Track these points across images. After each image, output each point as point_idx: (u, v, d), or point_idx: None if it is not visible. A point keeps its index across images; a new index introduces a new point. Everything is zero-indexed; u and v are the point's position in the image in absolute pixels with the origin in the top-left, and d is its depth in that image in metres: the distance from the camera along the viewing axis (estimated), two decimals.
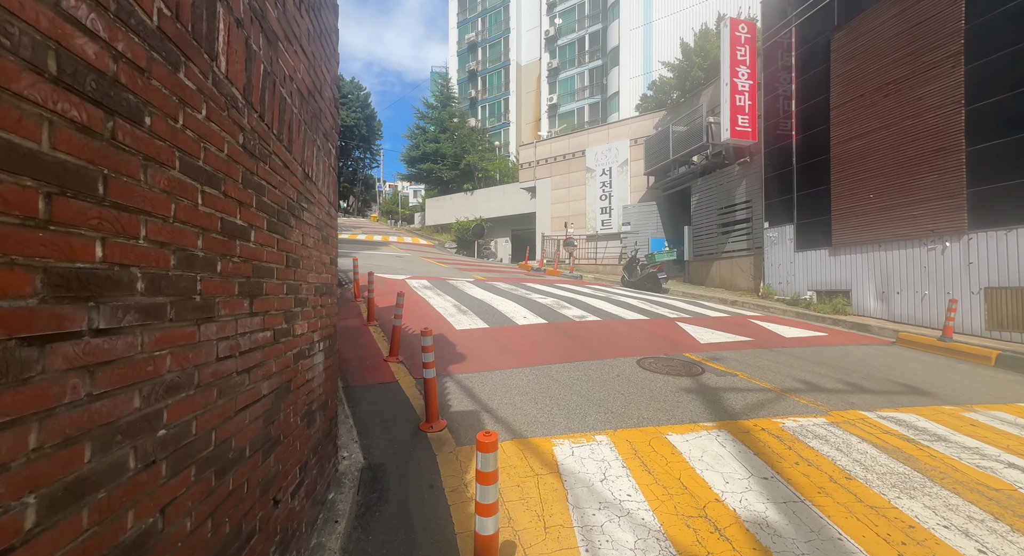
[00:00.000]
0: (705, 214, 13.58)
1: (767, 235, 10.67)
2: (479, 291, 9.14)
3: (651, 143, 16.39)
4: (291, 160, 1.82)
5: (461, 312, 7.02)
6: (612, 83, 28.55)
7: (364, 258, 14.56)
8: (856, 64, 8.24)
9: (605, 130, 19.29)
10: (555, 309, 7.56)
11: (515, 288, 9.97)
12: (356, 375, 4.46)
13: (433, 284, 9.76)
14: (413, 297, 8.13)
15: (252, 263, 1.44)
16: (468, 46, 41.81)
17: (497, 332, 6.03)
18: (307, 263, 2.08)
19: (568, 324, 6.61)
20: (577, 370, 4.74)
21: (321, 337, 2.35)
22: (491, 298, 8.31)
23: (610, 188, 18.82)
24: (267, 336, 1.57)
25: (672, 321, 7.26)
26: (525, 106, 39.20)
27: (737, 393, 4.12)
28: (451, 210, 30.30)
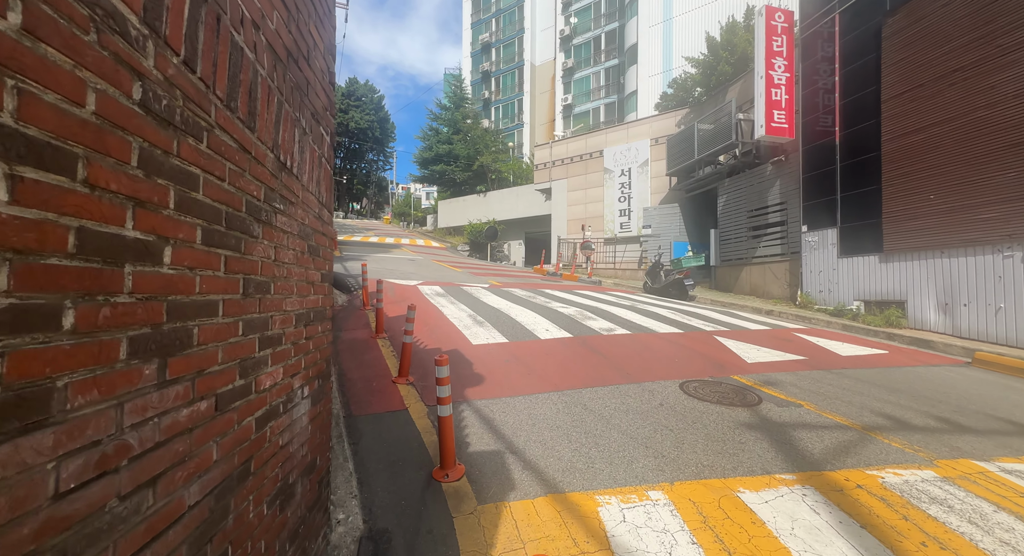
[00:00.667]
0: (733, 217, 12.80)
1: (805, 239, 9.88)
2: (495, 299, 8.56)
3: (674, 142, 15.65)
4: (253, 142, 1.26)
5: (477, 323, 6.45)
6: (630, 82, 27.81)
7: (375, 262, 14.13)
8: (913, 51, 7.46)
9: (624, 129, 18.60)
10: (579, 320, 6.94)
11: (533, 295, 9.37)
12: (360, 401, 3.91)
13: (446, 291, 9.22)
14: (425, 306, 7.59)
15: (164, 301, 0.87)
16: (482, 47, 41.46)
17: (518, 348, 5.43)
18: (283, 286, 1.52)
19: (596, 339, 5.98)
20: (612, 397, 4.11)
21: (306, 380, 1.79)
22: (509, 307, 7.72)
23: (629, 189, 18.11)
24: (200, 410, 1.00)
25: (710, 335, 6.57)
26: (539, 107, 38.65)
27: (809, 431, 3.46)
28: (464, 212, 29.86)
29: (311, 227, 1.85)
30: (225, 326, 1.12)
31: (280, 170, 1.48)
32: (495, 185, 31.39)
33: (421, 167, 35.52)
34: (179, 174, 0.91)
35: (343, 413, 3.63)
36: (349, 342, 5.59)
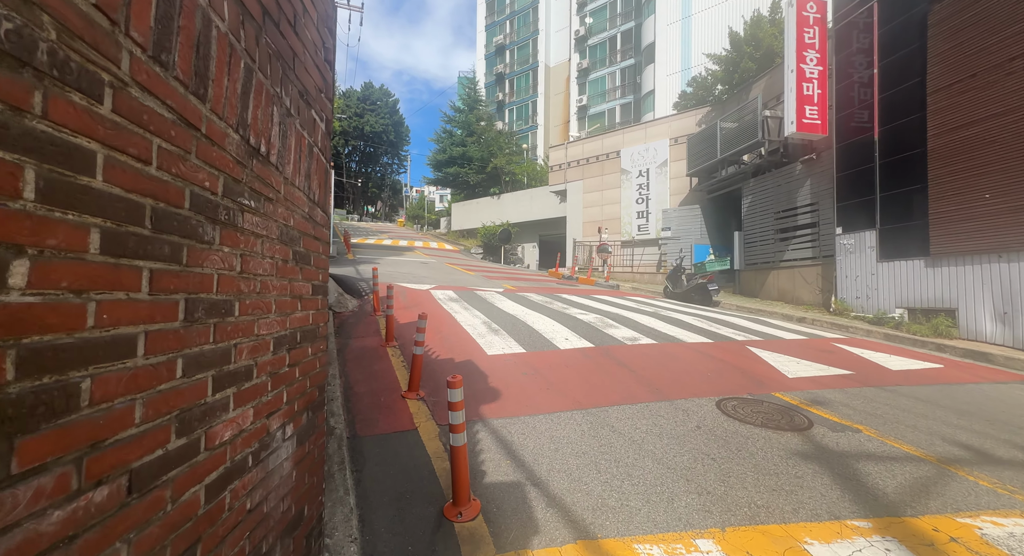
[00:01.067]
0: (759, 218, 12.22)
1: (840, 242, 9.29)
2: (510, 304, 8.21)
3: (694, 142, 15.12)
4: (203, 115, 0.94)
5: (492, 332, 6.10)
6: (647, 81, 27.27)
7: (388, 265, 13.93)
8: (964, 39, 6.89)
9: (642, 129, 18.11)
10: (600, 328, 6.54)
11: (550, 300, 8.99)
12: (366, 419, 3.60)
13: (460, 296, 8.91)
14: (438, 312, 7.28)
15: (13, 346, 0.54)
16: (496, 49, 41.36)
17: (536, 359, 5.07)
18: (255, 304, 1.20)
19: (619, 349, 5.57)
20: (642, 416, 3.72)
21: (290, 416, 1.46)
22: (525, 313, 7.36)
23: (647, 191, 17.60)
24: (94, 502, 0.67)
25: (742, 345, 6.10)
26: (554, 108, 38.31)
27: (875, 463, 3.01)
28: (477, 215, 29.66)
29: (298, 229, 1.53)
30: (148, 369, 0.79)
31: (250, 157, 1.16)
32: (509, 187, 31.13)
33: (435, 169, 35.50)
34: (48, 148, 0.59)
35: (347, 433, 3.32)
36: (358, 351, 5.31)
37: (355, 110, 54.64)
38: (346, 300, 7.69)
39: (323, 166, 1.82)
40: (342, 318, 6.93)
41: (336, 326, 6.39)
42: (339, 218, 44.40)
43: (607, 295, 11.01)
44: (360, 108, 55.69)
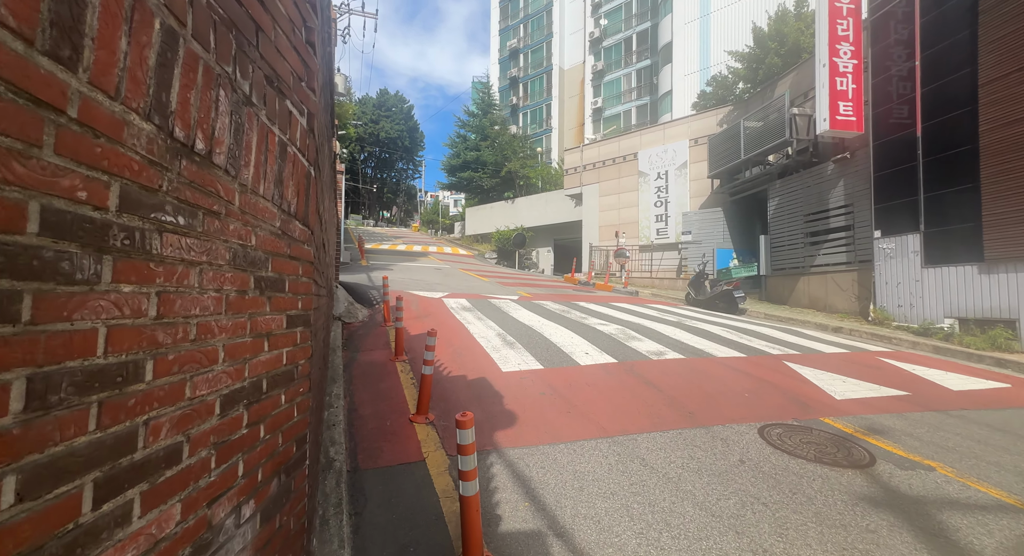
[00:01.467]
0: (787, 221, 11.61)
1: (879, 246, 8.67)
2: (526, 314, 7.85)
3: (716, 142, 14.57)
4: (75, 89, 0.61)
5: (507, 345, 5.75)
6: (663, 82, 26.72)
7: (400, 271, 13.74)
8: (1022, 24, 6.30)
9: (660, 130, 17.61)
10: (622, 341, 6.12)
11: (567, 309, 8.60)
12: (370, 448, 3.28)
13: (473, 304, 8.59)
14: (450, 322, 6.97)
15: None
16: (510, 53, 41.30)
17: (555, 376, 4.69)
18: (186, 358, 0.87)
19: (645, 365, 5.15)
20: (676, 446, 3.31)
21: (251, 491, 1.13)
22: (542, 324, 6.99)
23: (666, 193, 17.06)
24: None
25: (778, 360, 5.61)
26: (568, 111, 37.97)
27: (963, 514, 2.54)
28: (491, 219, 29.43)
29: (264, 250, 1.21)
30: None
31: (177, 156, 0.84)
32: (523, 191, 30.85)
33: (449, 174, 35.48)
34: None
35: (348, 466, 3.00)
36: (365, 366, 5.02)
37: (371, 116, 55.27)
38: (356, 310, 7.45)
39: (302, 170, 1.50)
40: (351, 329, 6.67)
41: (345, 338, 6.13)
42: (355, 224, 44.77)
43: (626, 302, 10.56)
44: (375, 114, 56.33)
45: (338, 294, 7.57)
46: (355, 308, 7.51)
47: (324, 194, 2.90)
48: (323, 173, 2.61)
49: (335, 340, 5.65)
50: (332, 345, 5.40)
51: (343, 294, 7.76)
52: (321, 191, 2.28)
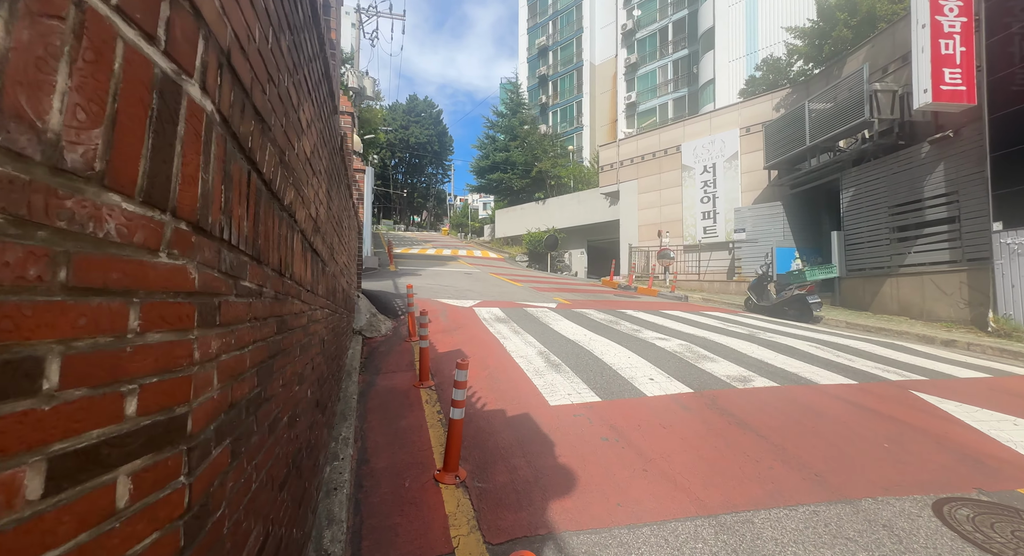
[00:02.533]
0: (866, 215, 10.06)
1: (999, 242, 7.12)
2: (569, 325, 6.87)
3: (773, 130, 13.07)
4: None
5: (552, 367, 4.79)
6: (705, 71, 25.05)
7: (430, 276, 13.06)
8: None
9: (706, 119, 16.18)
10: (692, 362, 5.03)
11: (614, 319, 7.55)
12: (379, 528, 2.40)
13: (508, 314, 7.69)
14: (482, 337, 6.09)
15: None
16: (539, 51, 40.42)
17: (617, 412, 3.70)
18: None
19: (729, 395, 4.07)
20: (818, 538, 2.25)
21: None
22: (589, 339, 5.99)
23: (714, 188, 15.62)
24: None
25: (903, 389, 4.37)
26: (600, 108, 36.65)
27: None
28: (522, 221, 28.58)
29: None
30: None
31: None
32: (554, 191, 29.84)
33: (478, 176, 34.96)
34: None
35: None
36: (384, 394, 4.19)
37: (400, 122, 55.89)
38: (379, 322, 6.70)
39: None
40: (372, 345, 5.91)
41: (364, 358, 5.36)
42: (386, 229, 45.09)
43: (678, 309, 9.36)
44: (405, 120, 56.93)
45: (359, 305, 6.86)
46: (378, 320, 6.77)
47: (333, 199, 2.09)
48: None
49: (351, 361, 4.88)
50: (348, 367, 4.63)
51: (365, 304, 7.04)
52: None
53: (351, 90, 21.60)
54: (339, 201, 3.72)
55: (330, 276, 2.99)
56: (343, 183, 3.85)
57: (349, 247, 5.10)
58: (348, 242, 5.04)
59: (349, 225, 5.40)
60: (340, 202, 3.75)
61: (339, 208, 3.69)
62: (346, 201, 4.32)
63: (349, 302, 5.40)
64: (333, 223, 3.09)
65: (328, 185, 2.55)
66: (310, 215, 1.85)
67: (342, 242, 4.20)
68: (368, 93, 22.64)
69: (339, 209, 3.65)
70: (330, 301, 2.97)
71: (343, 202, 4.10)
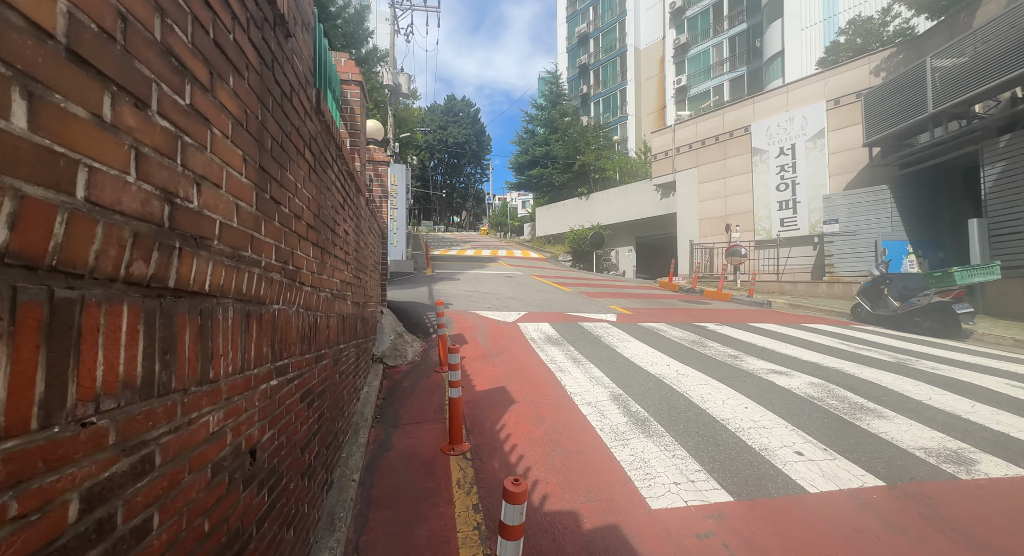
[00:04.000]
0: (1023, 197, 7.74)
1: None
2: (640, 348, 5.37)
3: (876, 99, 10.74)
4: None
5: (636, 424, 3.34)
6: (771, 43, 22.31)
7: (468, 281, 11.89)
8: None
9: (782, 94, 13.91)
10: (845, 416, 3.40)
11: (697, 337, 5.95)
12: None
13: (560, 331, 6.29)
14: (533, 367, 4.73)
15: None
16: (579, 39, 38.52)
17: (766, 528, 2.20)
18: None
19: (950, 494, 2.44)
20: None
21: None
22: (675, 372, 4.47)
23: (793, 173, 13.37)
24: None
25: None
26: (646, 94, 34.26)
27: None
28: (564, 218, 27.01)
29: None
30: None
31: None
32: (598, 185, 28.00)
33: (517, 173, 33.68)
34: None
35: None
36: (400, 466, 2.94)
37: (439, 123, 55.79)
38: (405, 344, 5.52)
39: None
40: (395, 377, 4.72)
41: (381, 398, 4.17)
42: (426, 230, 44.89)
43: (770, 322, 7.55)
44: (443, 121, 56.81)
45: (383, 323, 5.71)
46: (404, 342, 5.59)
47: None
48: None
49: (363, 406, 3.68)
50: (356, 419, 3.43)
51: (390, 322, 5.88)
52: None
53: (386, 88, 20.97)
54: (336, 199, 2.49)
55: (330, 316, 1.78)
56: (343, 181, 2.63)
57: (361, 258, 3.91)
58: (362, 251, 3.87)
59: (365, 229, 4.22)
60: (336, 201, 2.52)
61: (335, 209, 2.46)
62: (350, 199, 3.11)
63: (365, 326, 4.23)
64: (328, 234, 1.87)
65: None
66: None
67: (349, 253, 3.01)
68: (403, 91, 21.91)
69: (335, 212, 2.42)
70: (320, 351, 1.74)
71: (349, 207, 2.89)
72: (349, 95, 4.04)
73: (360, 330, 3.96)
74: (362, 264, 4.04)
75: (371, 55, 22.03)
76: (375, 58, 22.17)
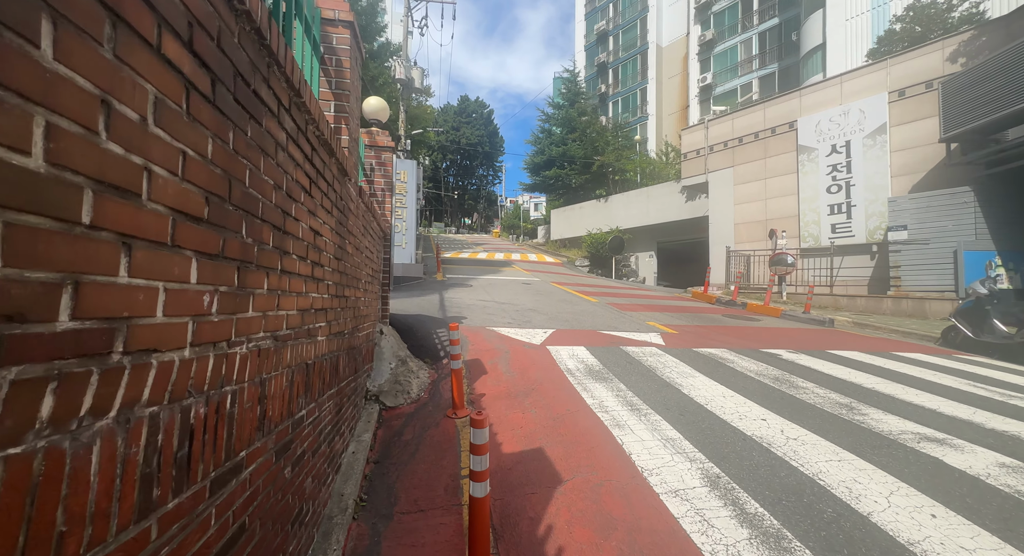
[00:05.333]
0: None
1: None
2: (712, 389, 4.11)
3: (957, 87, 9.32)
4: None
5: (764, 540, 2.10)
6: (810, 36, 20.84)
7: (482, 287, 10.71)
8: None
9: (835, 85, 12.51)
10: None
11: (779, 373, 4.66)
12: None
13: (601, 358, 5.05)
14: (576, 415, 3.50)
15: None
16: (597, 37, 37.31)
17: None
18: None
19: None
20: None
21: None
22: (779, 432, 3.20)
23: (847, 173, 11.95)
24: None
25: None
26: (667, 93, 32.87)
27: None
28: (580, 221, 25.75)
29: None
30: None
31: None
32: (618, 187, 26.69)
33: (532, 174, 32.48)
34: None
35: None
36: None
37: (452, 123, 55.00)
38: (409, 374, 4.33)
39: None
40: (394, 425, 3.54)
41: (375, 458, 2.98)
42: (437, 231, 43.87)
43: (853, 349, 6.22)
44: (456, 121, 56.02)
45: (382, 346, 4.54)
46: (408, 370, 4.40)
47: None
48: None
49: (344, 480, 2.49)
50: (330, 508, 2.26)
51: (391, 344, 4.69)
52: None
53: (398, 82, 19.99)
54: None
55: None
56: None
57: (351, 267, 2.74)
58: (351, 259, 2.71)
59: (357, 228, 3.06)
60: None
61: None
62: (325, 182, 1.94)
63: (354, 359, 3.06)
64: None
65: None
66: None
67: (324, 263, 1.85)
68: (417, 85, 20.92)
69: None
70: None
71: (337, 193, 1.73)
72: (335, 41, 2.89)
73: (346, 368, 2.79)
74: (352, 277, 2.87)
75: (384, 49, 21.06)
76: (388, 52, 21.18)
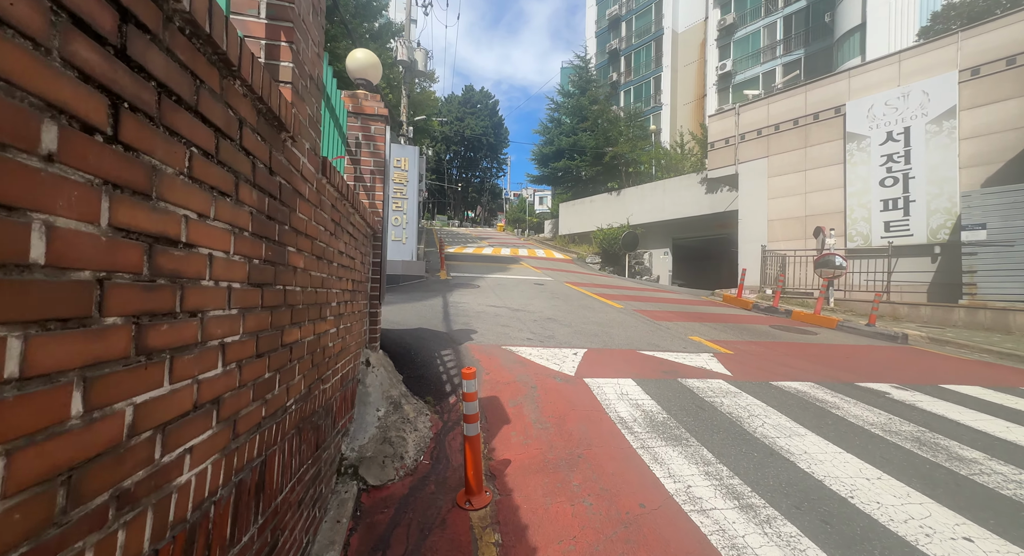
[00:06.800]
0: None
1: None
2: (839, 459, 2.83)
3: None
4: None
5: None
6: (847, 16, 19.26)
7: (491, 288, 9.43)
8: None
9: (892, 64, 11.07)
10: None
11: (914, 428, 3.38)
12: None
13: (658, 398, 3.77)
14: (661, 524, 2.23)
15: None
16: (609, 23, 35.63)
17: None
18: None
19: None
20: None
21: None
22: (986, 549, 1.94)
23: (905, 164, 10.57)
24: None
25: None
26: (683, 82, 31.27)
27: None
28: (591, 215, 24.38)
29: None
30: None
31: None
32: (631, 180, 25.26)
33: (540, 165, 31.04)
34: None
35: None
36: None
37: (456, 114, 53.41)
38: (405, 425, 3.06)
39: None
40: (378, 519, 2.24)
41: None
42: (440, 224, 42.45)
43: (967, 383, 4.93)
44: (461, 112, 54.42)
45: (367, 384, 3.26)
46: (402, 418, 3.12)
47: None
48: None
49: None
50: None
51: (380, 380, 3.40)
52: None
53: (400, 64, 18.57)
54: None
55: None
56: None
57: (311, 293, 1.44)
58: (326, 270, 1.45)
59: (329, 223, 1.75)
60: None
61: None
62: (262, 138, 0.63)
63: (323, 422, 1.79)
64: None
65: None
66: None
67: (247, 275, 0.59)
68: (420, 68, 19.49)
69: None
70: None
71: None
72: None
73: (307, 440, 1.51)
74: (310, 304, 1.57)
75: (385, 30, 19.45)
76: (389, 33, 19.56)
